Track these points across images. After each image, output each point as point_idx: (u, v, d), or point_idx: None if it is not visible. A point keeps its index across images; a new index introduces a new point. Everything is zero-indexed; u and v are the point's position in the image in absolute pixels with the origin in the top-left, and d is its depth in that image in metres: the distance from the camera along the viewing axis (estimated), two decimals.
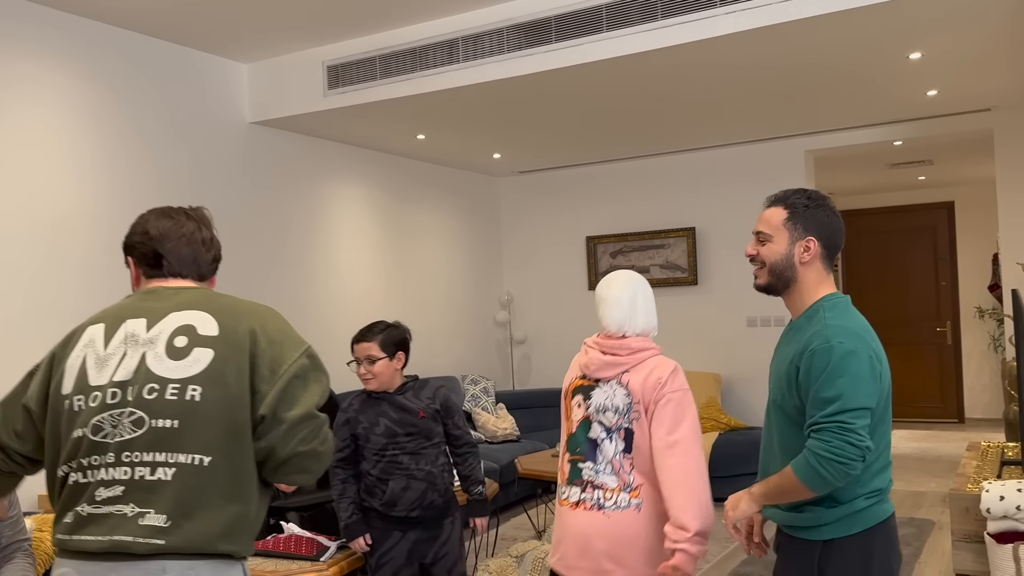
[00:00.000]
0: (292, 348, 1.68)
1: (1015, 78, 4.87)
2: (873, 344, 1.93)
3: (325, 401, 1.68)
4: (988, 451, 4.62)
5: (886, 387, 1.94)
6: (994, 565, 3.45)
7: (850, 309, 1.99)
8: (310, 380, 1.68)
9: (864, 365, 1.86)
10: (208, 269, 1.84)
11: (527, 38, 4.21)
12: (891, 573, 1.98)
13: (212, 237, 1.85)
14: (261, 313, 1.73)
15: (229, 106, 4.99)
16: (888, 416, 1.98)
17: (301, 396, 1.64)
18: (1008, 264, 5.74)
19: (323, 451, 1.67)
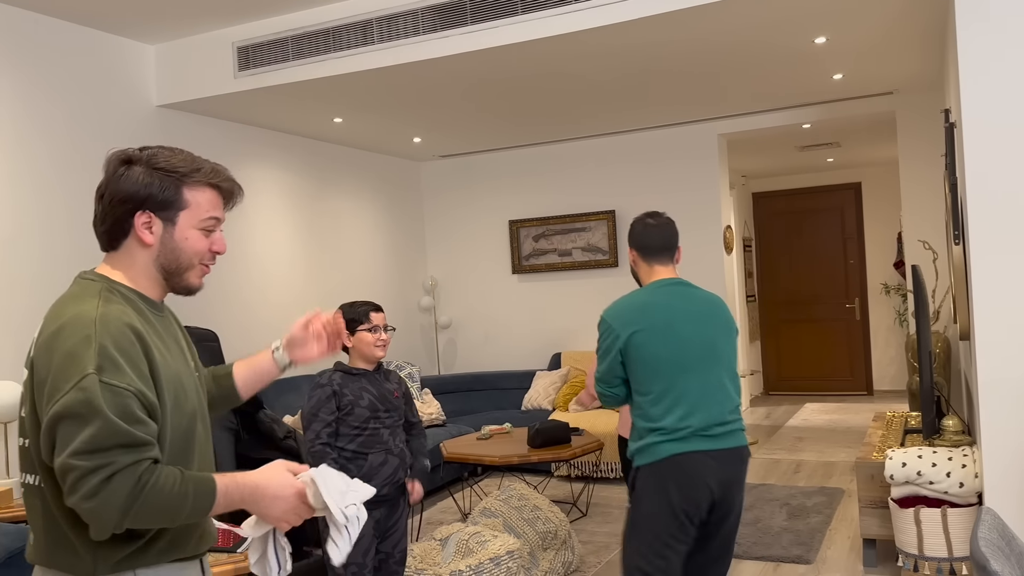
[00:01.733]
0: (74, 371, 1.39)
1: (916, 63, 5.07)
2: (630, 320, 2.63)
3: (110, 442, 1.37)
4: (893, 421, 4.84)
5: (646, 353, 2.57)
6: (897, 529, 3.63)
7: (635, 294, 2.69)
8: (66, 416, 1.38)
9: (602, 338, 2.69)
10: (104, 237, 1.55)
11: (442, 20, 4.18)
12: (669, 503, 2.48)
13: (106, 187, 1.53)
14: (58, 328, 1.43)
15: (135, 89, 4.81)
16: (663, 374, 2.55)
17: (57, 439, 1.40)
18: (911, 242, 6.00)
19: (91, 508, 1.36)
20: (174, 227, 1.54)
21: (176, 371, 1.53)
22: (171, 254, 1.54)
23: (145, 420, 1.42)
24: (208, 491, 1.45)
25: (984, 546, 1.68)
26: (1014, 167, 3.13)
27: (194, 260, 1.56)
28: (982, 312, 3.19)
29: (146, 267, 1.55)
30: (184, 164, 1.54)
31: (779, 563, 4.14)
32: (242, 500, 1.50)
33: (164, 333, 1.56)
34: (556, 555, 4.07)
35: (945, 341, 5.29)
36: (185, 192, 1.54)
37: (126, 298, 1.52)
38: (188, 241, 1.55)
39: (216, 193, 1.58)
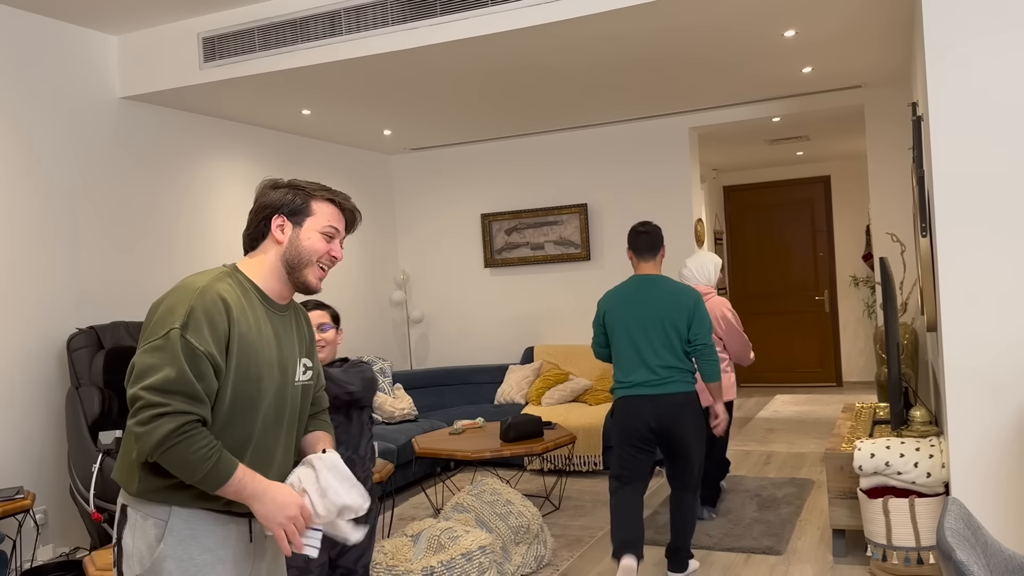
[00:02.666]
0: (166, 322, 1.73)
1: (883, 56, 5.11)
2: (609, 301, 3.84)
3: (176, 387, 1.68)
4: (861, 412, 4.88)
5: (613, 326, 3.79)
6: (866, 519, 3.66)
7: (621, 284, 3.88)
8: (150, 356, 1.71)
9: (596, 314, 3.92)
10: (247, 239, 1.95)
11: (411, 11, 4.13)
12: (620, 427, 3.75)
13: (255, 202, 1.95)
14: (173, 288, 1.81)
15: (98, 80, 4.71)
16: (619, 342, 3.76)
17: (140, 373, 1.71)
18: (879, 234, 6.05)
19: (139, 432, 1.68)
20: (300, 229, 1.89)
21: (258, 352, 1.81)
22: (295, 251, 1.89)
23: (209, 378, 1.72)
24: (227, 470, 1.70)
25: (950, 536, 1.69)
26: (981, 160, 3.16)
27: (312, 258, 1.90)
28: (949, 304, 3.22)
29: (274, 263, 1.90)
30: (314, 184, 1.93)
31: (750, 554, 4.16)
32: (252, 495, 1.74)
33: (264, 324, 1.85)
34: (528, 549, 4.06)
35: (913, 333, 5.35)
36: (312, 204, 1.91)
37: (240, 284, 1.85)
38: (309, 241, 1.89)
39: (337, 210, 1.94)
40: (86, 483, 3.89)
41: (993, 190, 3.15)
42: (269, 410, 1.84)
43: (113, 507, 3.79)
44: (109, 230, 4.75)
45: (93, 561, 3.14)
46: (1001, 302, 3.15)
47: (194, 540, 1.76)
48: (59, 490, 4.33)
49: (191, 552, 1.75)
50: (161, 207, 5.12)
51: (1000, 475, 3.17)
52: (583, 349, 6.77)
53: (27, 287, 4.27)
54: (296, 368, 1.93)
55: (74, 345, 4.20)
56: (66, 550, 4.29)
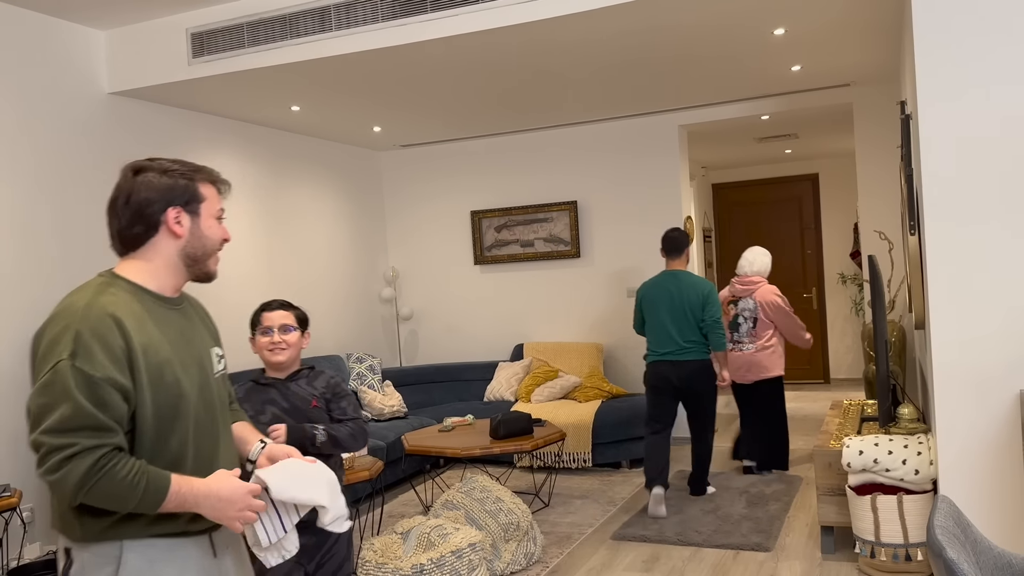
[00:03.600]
0: (52, 355, 1.56)
1: (872, 54, 5.13)
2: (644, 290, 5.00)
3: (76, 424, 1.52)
4: (849, 409, 4.91)
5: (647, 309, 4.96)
6: (855, 516, 3.68)
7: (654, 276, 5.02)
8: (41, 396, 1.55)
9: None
10: (127, 241, 1.73)
11: (402, 7, 4.11)
12: (649, 385, 4.96)
13: (128, 196, 1.71)
14: (54, 314, 1.62)
15: (86, 75, 4.67)
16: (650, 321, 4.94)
17: (35, 416, 1.55)
18: (867, 232, 6.08)
19: (52, 481, 1.52)
20: (199, 218, 1.74)
21: (167, 356, 1.66)
22: (198, 242, 1.74)
23: (114, 404, 1.56)
24: (161, 488, 1.57)
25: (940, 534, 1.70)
26: (969, 158, 3.18)
27: (215, 247, 1.78)
28: (937, 301, 3.23)
29: (170, 259, 1.73)
30: (187, 166, 1.75)
31: (739, 551, 4.18)
32: (196, 503, 1.62)
33: (165, 324, 1.70)
34: (518, 546, 4.06)
35: (900, 330, 5.37)
36: (199, 188, 1.75)
37: (125, 290, 1.67)
38: (211, 229, 1.76)
39: (215, 188, 1.80)
40: None
41: (981, 188, 3.17)
42: (199, 413, 1.72)
43: None
44: (98, 227, 4.72)
45: None
46: (988, 300, 3.17)
47: (152, 572, 1.62)
48: (46, 488, 4.30)
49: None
50: None
51: (988, 472, 3.19)
52: (573, 346, 6.78)
53: (16, 285, 4.23)
54: (211, 360, 1.81)
55: None
56: (53, 548, 4.26)
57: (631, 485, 5.50)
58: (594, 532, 4.60)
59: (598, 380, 6.43)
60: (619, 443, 5.89)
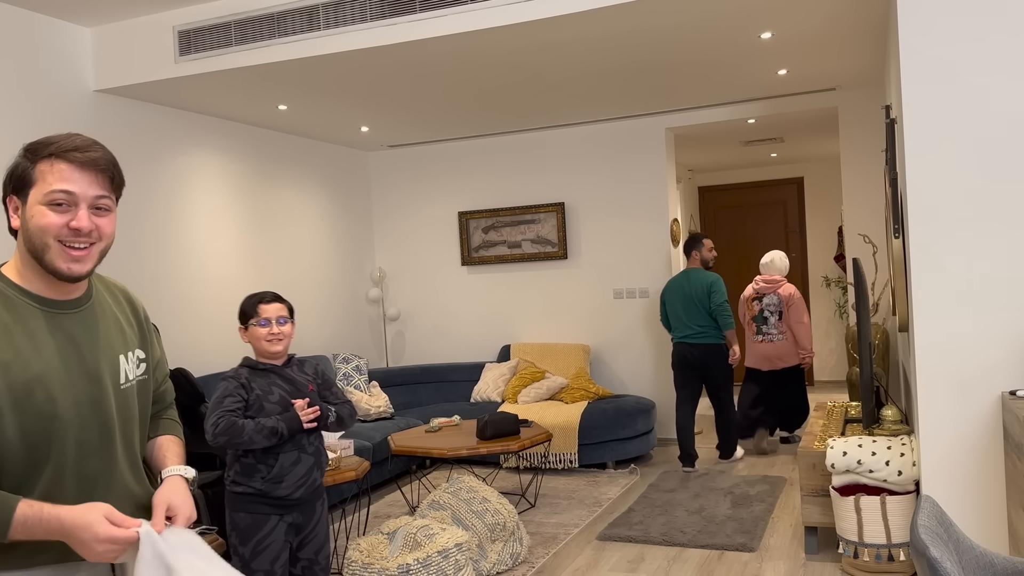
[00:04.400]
0: None
1: (858, 59, 5.17)
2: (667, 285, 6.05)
3: None
4: (833, 411, 4.94)
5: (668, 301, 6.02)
6: (838, 516, 3.71)
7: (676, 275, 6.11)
8: None
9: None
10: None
11: (390, 6, 4.11)
12: (673, 362, 5.95)
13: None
14: None
15: (71, 72, 4.64)
16: (670, 312, 5.98)
17: None
18: (851, 235, 6.13)
19: None
20: (27, 206, 1.49)
21: (37, 371, 1.46)
22: (27, 235, 1.49)
23: None
24: (2, 517, 1.37)
25: (924, 533, 1.72)
26: (953, 162, 3.21)
27: (45, 238, 1.47)
28: (920, 304, 3.27)
29: (24, 255, 1.51)
30: (39, 142, 1.49)
31: (723, 551, 4.20)
32: (47, 533, 1.41)
33: (42, 332, 1.49)
34: (504, 547, 4.07)
35: (884, 333, 5.42)
36: (36, 169, 1.48)
37: (1, 294, 1.48)
38: (34, 219, 1.47)
39: (70, 165, 1.47)
40: None
41: (965, 192, 3.20)
42: (84, 433, 1.51)
43: None
44: None
45: None
46: (971, 303, 3.20)
47: None
48: None
49: None
50: (134, 202, 5.06)
51: (970, 473, 3.23)
52: (560, 347, 6.80)
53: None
54: (119, 369, 1.59)
55: None
56: None
57: (617, 486, 5.52)
58: (580, 532, 4.61)
59: (584, 381, 6.44)
60: (605, 444, 5.91)
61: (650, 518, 4.74)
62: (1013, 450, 2.91)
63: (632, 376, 6.84)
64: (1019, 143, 3.14)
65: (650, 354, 6.78)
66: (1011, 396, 3.07)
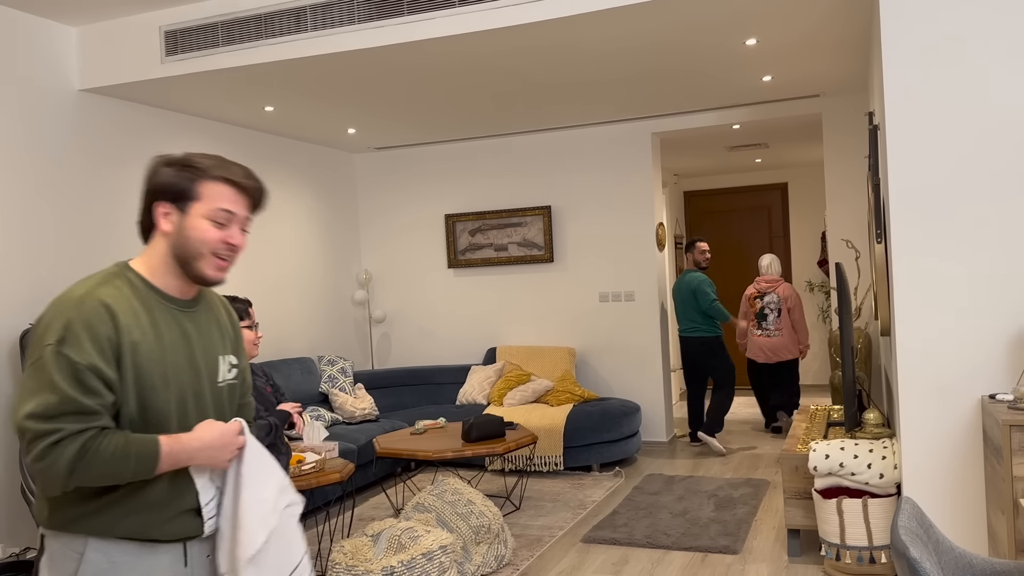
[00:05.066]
0: (42, 341, 1.56)
1: (841, 66, 5.22)
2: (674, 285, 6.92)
3: (60, 409, 1.52)
4: (816, 414, 4.98)
5: (674, 300, 6.80)
6: (821, 519, 3.74)
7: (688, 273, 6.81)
8: (28, 380, 1.54)
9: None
10: (140, 230, 1.75)
11: (378, 9, 4.12)
12: (682, 354, 6.81)
13: (144, 185, 1.72)
14: (53, 301, 1.64)
15: (56, 72, 4.62)
16: (676, 308, 6.74)
17: (20, 399, 1.55)
18: (834, 240, 6.18)
19: (40, 468, 1.51)
20: (187, 216, 1.68)
21: (159, 357, 1.65)
22: (183, 242, 1.69)
23: (99, 391, 1.55)
24: (151, 453, 1.58)
25: (904, 534, 1.74)
26: (935, 168, 3.25)
27: (203, 249, 1.69)
28: (902, 309, 3.30)
29: (165, 256, 1.71)
30: (208, 161, 1.70)
31: (707, 553, 4.23)
32: (189, 457, 1.63)
33: (166, 325, 1.68)
34: (489, 549, 4.07)
35: (866, 337, 5.47)
36: (200, 185, 1.68)
37: (132, 285, 1.68)
38: (197, 231, 1.68)
39: (233, 190, 1.71)
40: None
41: (947, 198, 3.24)
42: (185, 419, 1.68)
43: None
44: (64, 225, 4.66)
45: None
46: (952, 308, 3.24)
47: (113, 574, 1.60)
48: (10, 489, 4.23)
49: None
50: (119, 202, 5.03)
51: (949, 475, 3.26)
52: (545, 350, 6.81)
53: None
54: (218, 367, 1.77)
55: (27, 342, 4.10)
56: (16, 550, 4.19)
57: (602, 488, 5.54)
58: (564, 535, 4.62)
59: (570, 384, 6.46)
60: (590, 447, 5.93)
61: (634, 520, 4.76)
62: (992, 453, 2.95)
63: (617, 379, 6.87)
64: (1000, 150, 3.19)
65: (635, 357, 6.80)
66: (991, 400, 3.11)
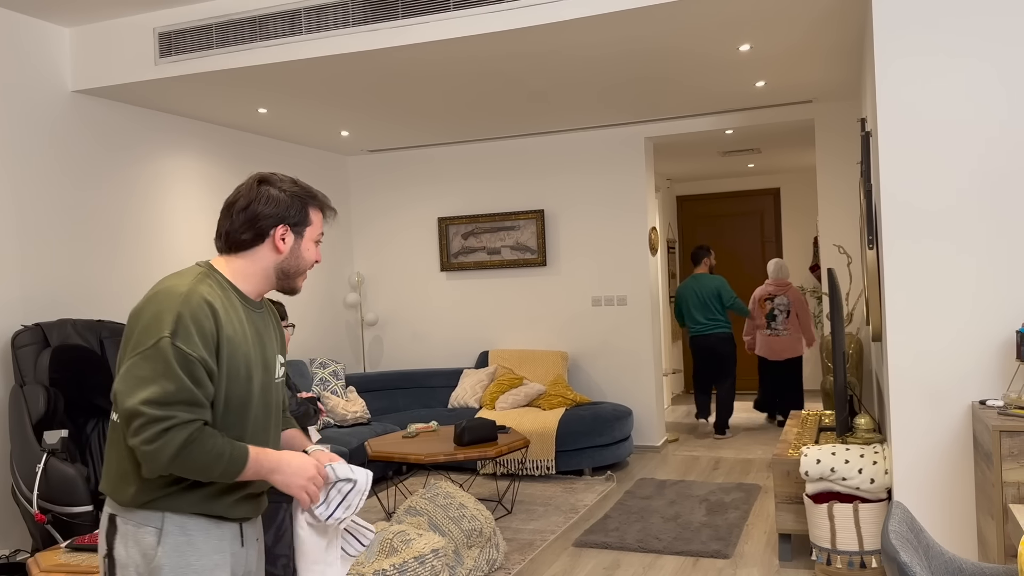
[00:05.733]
0: (154, 332, 1.69)
1: (834, 72, 5.25)
2: (680, 288, 7.57)
3: (177, 398, 1.66)
4: (808, 419, 5.00)
5: (682, 302, 7.51)
6: (812, 524, 3.75)
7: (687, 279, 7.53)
8: (142, 368, 1.67)
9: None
10: (235, 243, 1.87)
11: (373, 12, 4.12)
12: (693, 350, 7.48)
13: (248, 205, 1.86)
14: (154, 293, 1.76)
15: (49, 72, 4.60)
16: (685, 311, 7.47)
17: (134, 385, 1.66)
18: (826, 246, 6.21)
19: (148, 451, 1.64)
20: (301, 240, 1.90)
21: (245, 352, 1.80)
22: (295, 261, 1.90)
23: (206, 383, 1.70)
24: (241, 456, 1.72)
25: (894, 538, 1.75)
26: (927, 175, 3.27)
27: (307, 268, 1.93)
28: (894, 314, 3.32)
29: (266, 268, 1.89)
30: (306, 189, 1.91)
31: (698, 557, 4.23)
32: (270, 470, 1.78)
33: (247, 323, 1.84)
34: (481, 553, 4.07)
35: (858, 342, 5.49)
36: (312, 212, 1.91)
37: (220, 285, 1.82)
38: (309, 252, 1.92)
39: (323, 215, 1.95)
40: (29, 484, 3.79)
41: (939, 205, 3.26)
42: (258, 410, 1.85)
43: (56, 508, 3.70)
44: (57, 226, 4.64)
45: (37, 563, 3.06)
46: (943, 314, 3.26)
47: (190, 546, 1.75)
48: (0, 491, 4.21)
49: (188, 558, 1.74)
50: (112, 203, 5.02)
51: (940, 480, 3.28)
52: (538, 354, 6.81)
53: None
54: (275, 365, 1.94)
55: (19, 343, 4.09)
56: (6, 552, 4.17)
57: (593, 492, 5.54)
58: (556, 539, 4.63)
59: (562, 388, 6.46)
60: (582, 451, 5.93)
61: (626, 525, 4.77)
62: (982, 458, 2.97)
63: (610, 383, 6.87)
64: (991, 157, 3.21)
65: (628, 361, 6.81)
66: (981, 406, 3.13)
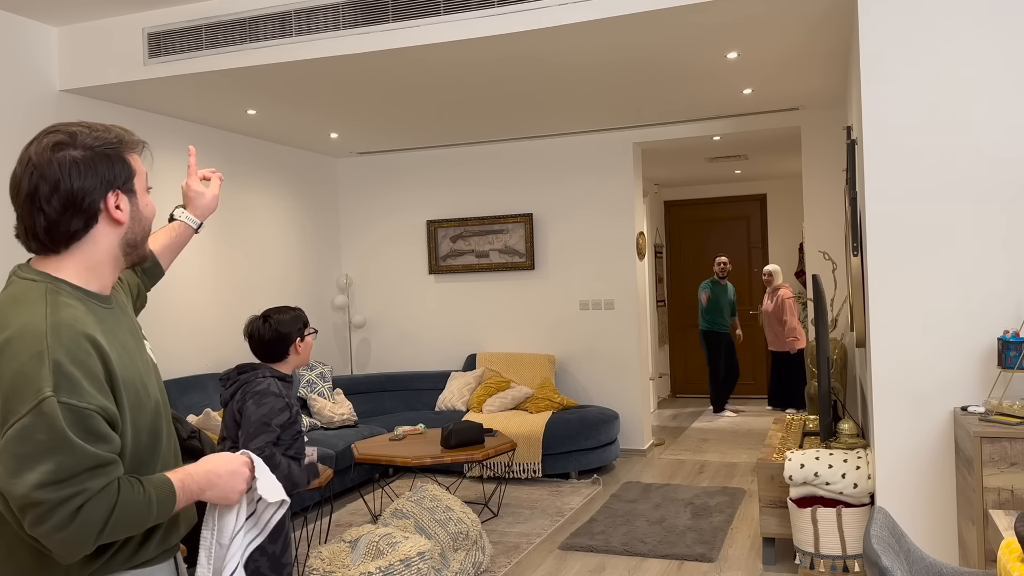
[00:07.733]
0: (26, 393, 1.29)
1: (821, 80, 5.30)
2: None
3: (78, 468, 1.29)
4: (792, 424, 5.04)
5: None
6: (796, 527, 3.78)
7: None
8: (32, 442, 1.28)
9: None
10: (57, 238, 1.43)
11: (363, 15, 4.13)
12: (704, 344, 8.80)
13: (56, 182, 1.39)
14: (3, 341, 1.33)
15: (36, 72, 4.59)
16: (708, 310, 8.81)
17: (16, 468, 1.28)
18: (812, 252, 6.26)
19: (63, 538, 1.29)
20: (135, 196, 1.50)
21: (135, 370, 1.47)
22: (139, 225, 1.51)
23: (109, 437, 1.35)
24: (168, 493, 1.42)
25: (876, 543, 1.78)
26: (911, 183, 3.31)
27: (151, 224, 1.55)
28: (877, 321, 3.36)
29: (110, 251, 1.47)
30: (111, 134, 1.48)
31: (683, 561, 4.26)
32: (200, 490, 1.49)
33: (116, 328, 1.48)
34: (467, 556, 4.08)
35: (842, 348, 5.54)
36: (130, 157, 1.49)
37: (74, 297, 1.42)
38: (148, 207, 1.53)
39: (138, 155, 1.53)
40: None
41: (922, 213, 3.30)
42: (168, 426, 1.57)
43: None
44: None
45: None
46: (926, 321, 3.30)
47: None
48: None
49: None
50: None
51: (921, 486, 3.32)
52: (525, 357, 6.83)
53: None
54: (149, 353, 1.60)
55: None
56: None
57: (580, 496, 5.56)
58: (542, 542, 4.64)
59: (549, 391, 6.48)
60: (569, 454, 5.95)
61: (611, 528, 4.79)
62: (964, 464, 3.01)
63: (596, 387, 6.90)
64: (976, 166, 3.25)
65: (614, 365, 6.83)
66: (963, 412, 3.17)
